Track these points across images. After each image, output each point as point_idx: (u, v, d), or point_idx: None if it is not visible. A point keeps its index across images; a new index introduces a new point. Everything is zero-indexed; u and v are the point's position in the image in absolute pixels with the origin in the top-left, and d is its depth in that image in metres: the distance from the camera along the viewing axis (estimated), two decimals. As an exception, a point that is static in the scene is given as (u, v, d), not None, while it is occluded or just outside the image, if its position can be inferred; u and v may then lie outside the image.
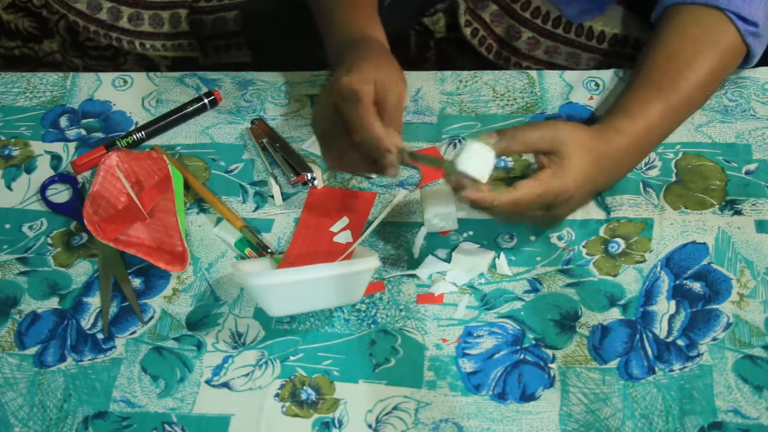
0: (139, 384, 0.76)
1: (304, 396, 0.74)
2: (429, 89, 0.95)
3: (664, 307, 0.77)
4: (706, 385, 0.72)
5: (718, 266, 0.79)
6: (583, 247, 0.81)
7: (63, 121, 0.97)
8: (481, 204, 0.72)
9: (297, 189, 0.89)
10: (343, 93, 0.73)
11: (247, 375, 0.76)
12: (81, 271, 0.84)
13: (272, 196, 0.88)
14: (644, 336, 0.75)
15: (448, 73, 0.97)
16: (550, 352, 0.75)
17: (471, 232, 0.83)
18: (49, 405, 0.76)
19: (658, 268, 0.79)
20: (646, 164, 0.86)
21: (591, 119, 0.91)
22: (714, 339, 0.75)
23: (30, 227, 0.88)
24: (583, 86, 0.94)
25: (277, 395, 0.75)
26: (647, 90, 0.82)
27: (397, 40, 0.85)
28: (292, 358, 0.77)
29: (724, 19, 0.84)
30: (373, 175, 0.89)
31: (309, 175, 0.88)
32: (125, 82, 1.00)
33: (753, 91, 0.91)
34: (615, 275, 0.79)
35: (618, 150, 0.79)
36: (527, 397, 0.73)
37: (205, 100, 0.96)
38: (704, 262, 0.79)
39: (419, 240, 0.83)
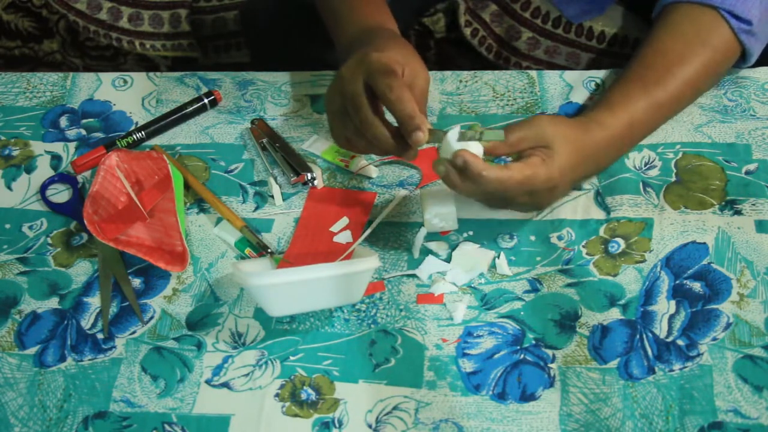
0: (139, 384, 0.76)
1: (304, 396, 0.74)
2: (429, 89, 0.95)
3: (664, 307, 0.77)
4: (706, 385, 0.72)
5: (718, 266, 0.79)
6: (583, 247, 0.81)
7: (63, 121, 0.97)
8: (472, 168, 0.70)
9: (297, 189, 0.89)
10: (375, 66, 0.72)
11: (247, 375, 0.76)
12: (81, 271, 0.84)
13: (272, 196, 0.88)
14: (644, 336, 0.75)
15: (448, 73, 0.97)
16: (550, 352, 0.75)
17: (471, 232, 0.83)
18: (49, 405, 0.76)
19: (658, 268, 0.79)
20: (646, 164, 0.86)
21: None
22: (714, 339, 0.75)
23: (30, 227, 0.88)
24: (583, 86, 0.94)
25: (277, 395, 0.75)
26: (632, 85, 0.83)
27: (397, 40, 0.85)
28: (292, 358, 0.77)
29: (717, 17, 0.84)
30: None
31: (309, 175, 0.88)
32: (125, 82, 1.00)
33: (753, 91, 0.91)
34: (615, 275, 0.79)
35: (599, 142, 0.79)
36: (527, 397, 0.73)
37: (205, 100, 0.96)
38: (704, 262, 0.79)
39: (419, 240, 0.83)
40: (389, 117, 0.75)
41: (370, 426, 0.72)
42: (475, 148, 0.73)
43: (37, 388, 0.77)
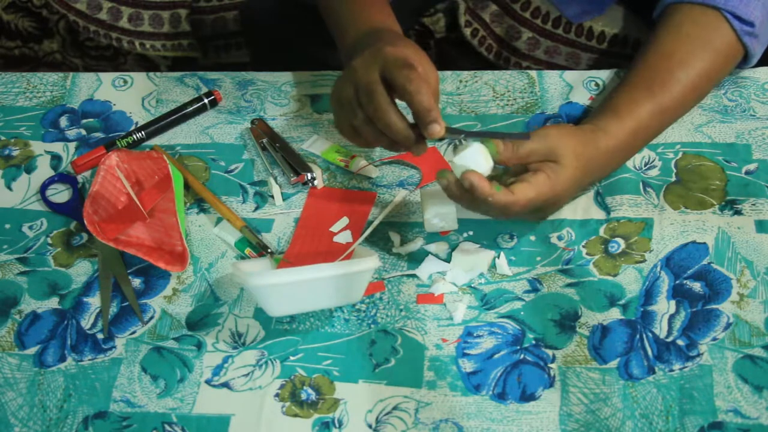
0: (139, 384, 0.76)
1: (304, 396, 0.74)
2: (429, 89, 0.95)
3: (664, 306, 0.77)
4: (706, 385, 0.72)
5: (718, 266, 0.79)
6: (583, 247, 0.81)
7: (63, 121, 0.97)
8: (478, 191, 0.71)
9: (297, 189, 0.89)
10: (392, 58, 0.72)
11: (247, 375, 0.76)
12: (81, 271, 0.84)
13: (272, 196, 0.88)
14: (644, 336, 0.75)
15: (448, 73, 0.97)
16: (550, 352, 0.75)
17: (471, 232, 0.83)
18: (49, 405, 0.76)
19: (658, 268, 0.79)
20: (646, 164, 0.86)
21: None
22: (714, 339, 0.75)
23: (30, 227, 0.88)
24: (583, 86, 0.94)
25: (277, 395, 0.75)
26: (638, 90, 0.83)
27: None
28: (292, 358, 0.77)
29: (720, 18, 0.84)
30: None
31: (309, 175, 0.88)
32: (125, 82, 1.00)
33: (753, 91, 0.91)
34: (615, 275, 0.79)
35: (606, 152, 0.80)
36: (527, 397, 0.73)
37: (205, 100, 0.96)
38: (704, 262, 0.79)
39: (419, 240, 0.83)
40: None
41: (370, 426, 0.72)
42: (485, 163, 0.73)
43: (37, 388, 0.77)
